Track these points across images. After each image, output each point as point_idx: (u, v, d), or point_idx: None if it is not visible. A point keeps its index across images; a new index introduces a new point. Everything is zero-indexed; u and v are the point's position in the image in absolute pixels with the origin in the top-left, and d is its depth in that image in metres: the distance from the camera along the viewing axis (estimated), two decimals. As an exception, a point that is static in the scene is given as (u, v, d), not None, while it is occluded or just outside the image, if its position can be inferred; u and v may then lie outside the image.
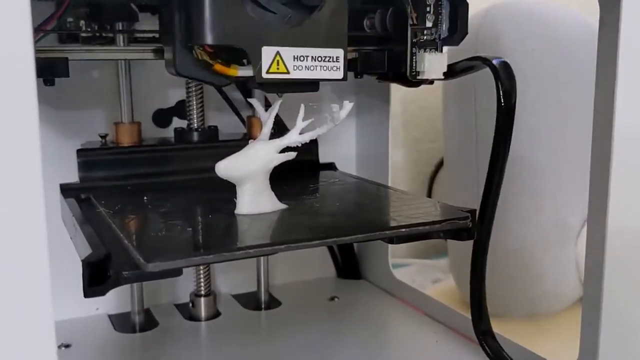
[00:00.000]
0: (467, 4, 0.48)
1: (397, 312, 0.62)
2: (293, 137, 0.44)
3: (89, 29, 0.51)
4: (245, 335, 0.57)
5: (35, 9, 0.27)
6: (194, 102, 0.57)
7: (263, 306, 0.63)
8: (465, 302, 0.50)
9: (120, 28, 0.50)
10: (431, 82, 0.49)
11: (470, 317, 0.50)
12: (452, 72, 0.49)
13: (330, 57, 0.43)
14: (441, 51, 0.49)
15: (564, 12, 0.82)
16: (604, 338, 0.42)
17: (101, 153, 0.54)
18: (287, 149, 0.44)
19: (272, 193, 0.45)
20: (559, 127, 0.79)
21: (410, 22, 0.47)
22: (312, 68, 0.42)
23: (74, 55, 0.46)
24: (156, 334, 0.57)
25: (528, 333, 0.68)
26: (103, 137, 0.56)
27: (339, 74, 0.43)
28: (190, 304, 0.60)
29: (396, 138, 0.98)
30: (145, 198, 0.49)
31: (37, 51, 0.27)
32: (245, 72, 0.42)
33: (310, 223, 0.44)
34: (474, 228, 0.45)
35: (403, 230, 0.42)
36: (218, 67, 0.42)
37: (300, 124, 0.44)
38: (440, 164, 1.00)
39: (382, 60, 0.51)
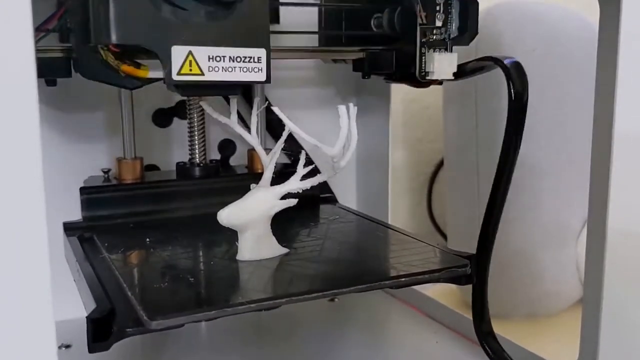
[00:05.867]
0: (477, 3, 0.47)
1: (398, 312, 0.62)
2: (294, 184, 0.44)
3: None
4: (245, 336, 0.56)
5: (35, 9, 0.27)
6: (196, 136, 0.57)
7: (263, 306, 0.63)
8: (465, 303, 0.50)
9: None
10: (440, 82, 0.48)
11: (470, 318, 0.50)
12: (462, 72, 0.48)
13: (250, 57, 0.39)
14: (451, 51, 0.48)
15: (564, 12, 0.82)
16: (604, 338, 0.42)
17: (104, 191, 0.53)
18: (288, 195, 0.44)
19: (274, 238, 0.45)
20: (559, 127, 0.79)
21: (419, 21, 0.46)
22: (230, 69, 0.39)
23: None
24: (156, 334, 0.56)
25: (528, 333, 0.68)
26: (106, 172, 0.56)
27: (262, 76, 0.40)
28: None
29: (396, 138, 0.97)
30: (148, 239, 0.48)
31: (38, 51, 0.27)
32: (157, 73, 0.39)
33: (311, 272, 0.43)
34: (473, 273, 0.45)
35: (403, 279, 0.42)
36: (125, 68, 0.39)
37: (301, 170, 0.44)
38: (440, 165, 0.99)
39: (390, 60, 0.50)
